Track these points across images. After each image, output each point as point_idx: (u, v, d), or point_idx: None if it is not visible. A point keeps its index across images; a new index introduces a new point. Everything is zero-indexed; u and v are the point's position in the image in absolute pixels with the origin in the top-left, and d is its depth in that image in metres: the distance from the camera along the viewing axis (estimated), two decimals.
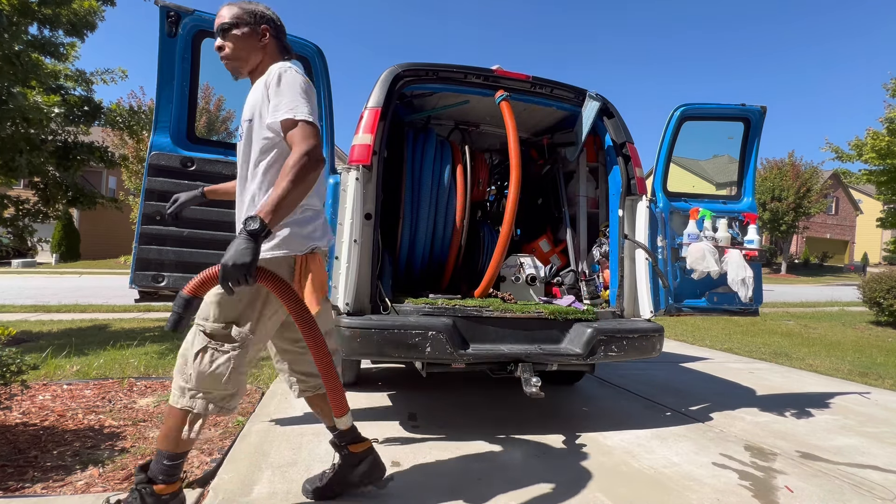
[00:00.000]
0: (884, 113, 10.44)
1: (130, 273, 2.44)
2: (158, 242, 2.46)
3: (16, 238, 5.85)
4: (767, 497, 2.21)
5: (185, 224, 2.45)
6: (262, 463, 2.32)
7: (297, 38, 2.62)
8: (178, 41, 2.46)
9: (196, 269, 2.39)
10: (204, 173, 2.53)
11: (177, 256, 2.47)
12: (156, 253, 2.45)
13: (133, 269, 2.43)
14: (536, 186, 4.42)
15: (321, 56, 2.69)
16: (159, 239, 2.47)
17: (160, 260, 2.46)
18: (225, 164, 2.57)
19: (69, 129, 5.83)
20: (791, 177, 28.24)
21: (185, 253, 2.49)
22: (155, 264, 2.45)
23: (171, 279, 2.46)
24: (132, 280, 2.43)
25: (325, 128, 2.72)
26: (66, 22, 5.48)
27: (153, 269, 2.45)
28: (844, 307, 11.99)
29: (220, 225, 2.52)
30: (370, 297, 2.71)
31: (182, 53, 2.48)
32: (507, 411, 3.36)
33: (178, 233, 2.47)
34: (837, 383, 4.66)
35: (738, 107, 3.43)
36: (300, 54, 2.66)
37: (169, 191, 2.45)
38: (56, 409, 2.87)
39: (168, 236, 2.47)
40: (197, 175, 2.51)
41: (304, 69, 2.68)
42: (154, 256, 2.45)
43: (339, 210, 2.67)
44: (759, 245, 3.35)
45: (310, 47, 2.66)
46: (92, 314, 7.43)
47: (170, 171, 2.48)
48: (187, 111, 2.58)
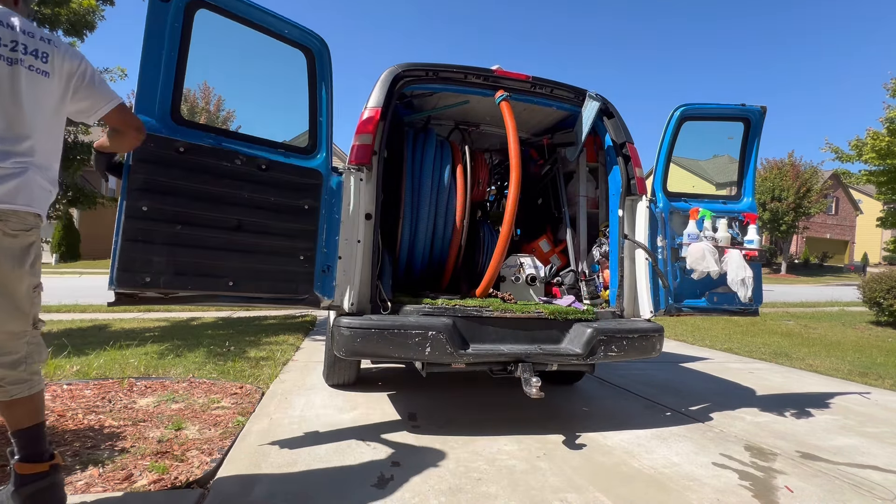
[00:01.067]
0: (884, 113, 10.45)
1: (110, 272, 2.08)
2: (146, 239, 2.13)
3: None
4: (767, 497, 2.21)
5: (173, 220, 2.18)
6: (262, 463, 2.32)
7: (303, 28, 2.49)
8: (170, 7, 2.18)
9: (191, 271, 2.22)
10: (196, 162, 2.23)
11: (169, 255, 2.17)
12: (142, 250, 2.12)
13: (116, 270, 2.07)
14: (536, 186, 4.42)
15: (326, 50, 2.54)
16: (147, 234, 2.13)
17: (147, 258, 2.13)
18: (223, 152, 2.30)
19: (69, 129, 5.83)
20: (791, 177, 28.24)
21: (179, 251, 2.20)
22: (140, 262, 2.12)
23: (160, 279, 2.15)
24: (114, 280, 2.08)
25: (324, 125, 2.59)
26: (66, 21, 5.49)
27: (140, 269, 2.11)
28: (844, 307, 11.99)
29: (212, 222, 2.28)
30: (370, 297, 2.70)
31: (173, 22, 2.19)
32: (507, 411, 3.36)
33: (168, 229, 2.17)
34: (837, 383, 4.66)
35: (738, 107, 3.43)
36: (304, 45, 2.52)
37: (158, 181, 2.15)
38: (56, 409, 2.86)
39: (158, 232, 2.15)
40: (189, 164, 2.21)
41: (308, 62, 2.53)
42: (140, 254, 2.11)
43: (341, 209, 2.65)
44: (759, 245, 3.34)
45: (316, 39, 2.52)
46: (92, 314, 7.43)
47: (159, 158, 2.14)
48: (172, 89, 2.21)
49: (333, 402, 3.36)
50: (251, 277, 2.38)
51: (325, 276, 2.57)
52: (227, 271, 2.32)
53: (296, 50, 2.53)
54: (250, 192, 2.36)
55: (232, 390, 3.45)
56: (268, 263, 2.41)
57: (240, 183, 2.34)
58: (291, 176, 2.48)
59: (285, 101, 2.83)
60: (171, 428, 2.65)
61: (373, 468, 2.33)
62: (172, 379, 3.66)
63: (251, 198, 2.36)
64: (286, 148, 2.53)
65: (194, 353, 4.55)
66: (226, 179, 2.31)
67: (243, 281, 2.35)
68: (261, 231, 2.39)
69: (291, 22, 2.46)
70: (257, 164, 2.38)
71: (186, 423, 2.74)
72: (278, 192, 2.43)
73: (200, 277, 2.26)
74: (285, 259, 2.46)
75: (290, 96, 2.71)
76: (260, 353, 4.71)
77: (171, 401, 3.14)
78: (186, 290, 2.25)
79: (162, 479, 2.07)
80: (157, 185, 2.15)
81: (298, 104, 2.61)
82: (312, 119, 2.59)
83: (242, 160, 2.34)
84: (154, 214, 2.14)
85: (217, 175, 2.29)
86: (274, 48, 2.49)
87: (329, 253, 2.59)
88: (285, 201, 2.45)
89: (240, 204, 2.34)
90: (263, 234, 2.40)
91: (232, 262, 2.33)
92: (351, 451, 2.53)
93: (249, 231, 2.35)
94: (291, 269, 2.48)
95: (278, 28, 2.44)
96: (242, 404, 3.16)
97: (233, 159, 2.32)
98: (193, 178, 2.23)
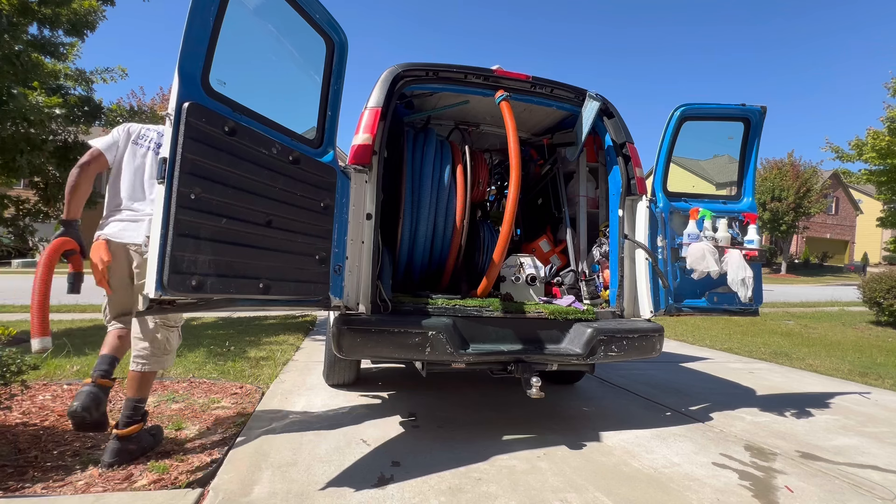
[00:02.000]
0: (884, 112, 10.44)
1: (157, 275, 1.71)
2: (195, 234, 1.81)
3: (17, 238, 5.85)
4: (767, 497, 2.21)
5: (220, 211, 1.91)
6: (262, 463, 2.32)
7: (331, 17, 2.35)
8: None
9: (230, 272, 1.98)
10: (242, 147, 1.98)
11: (214, 253, 1.88)
12: (193, 247, 1.80)
13: (168, 271, 1.72)
14: (536, 186, 4.42)
15: (347, 45, 2.46)
16: (196, 229, 1.81)
17: (195, 258, 1.81)
18: (262, 139, 2.06)
19: (69, 128, 5.83)
20: (791, 177, 28.25)
21: (222, 249, 1.92)
22: (189, 262, 1.78)
23: (209, 283, 1.85)
24: (166, 284, 1.72)
25: (334, 121, 2.49)
26: (66, 22, 5.48)
27: (188, 269, 1.78)
28: (844, 307, 11.99)
29: (250, 215, 2.04)
30: (370, 297, 2.71)
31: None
32: (507, 411, 3.36)
33: (216, 221, 1.88)
34: (837, 383, 4.66)
35: (738, 107, 3.43)
36: (329, 35, 2.40)
37: (209, 165, 1.85)
38: (56, 409, 2.87)
39: (206, 226, 1.85)
40: (235, 148, 1.95)
41: (328, 52, 2.42)
42: (190, 253, 1.79)
43: (349, 209, 2.63)
44: (759, 245, 3.34)
45: (340, 31, 2.42)
46: (92, 314, 7.43)
47: (210, 138, 1.85)
48: (205, 56, 1.89)
49: (333, 402, 3.36)
50: (279, 278, 2.17)
51: (336, 276, 2.49)
52: (260, 272, 2.08)
53: (319, 38, 2.39)
54: (282, 186, 2.15)
55: (232, 390, 3.45)
56: (293, 263, 2.23)
57: (274, 175, 2.11)
58: (314, 171, 2.33)
59: (296, 93, 2.68)
60: (171, 428, 2.65)
61: (373, 468, 2.33)
62: (172, 379, 3.66)
63: (282, 192, 2.15)
64: (304, 141, 2.35)
65: (194, 352, 4.55)
66: (265, 170, 2.07)
67: (273, 282, 2.13)
68: (287, 229, 2.19)
69: (324, 6, 2.32)
70: (289, 156, 2.19)
71: (186, 423, 2.74)
72: (304, 188, 2.26)
73: (238, 279, 1.99)
74: (307, 259, 2.31)
75: (301, 88, 2.55)
76: (260, 353, 4.71)
77: (171, 401, 3.14)
78: (229, 293, 1.96)
79: (162, 479, 2.08)
80: (205, 171, 1.85)
81: (309, 97, 2.46)
82: (322, 113, 2.46)
83: (278, 149, 2.13)
84: (203, 205, 1.83)
85: (257, 164, 2.05)
86: (299, 35, 2.33)
87: (339, 253, 2.52)
88: (309, 197, 2.30)
89: (272, 198, 2.12)
90: (289, 232, 2.20)
91: (265, 261, 2.10)
92: (351, 450, 2.53)
93: (278, 228, 2.14)
94: (311, 270, 2.34)
95: (311, 7, 2.28)
96: (242, 404, 3.16)
97: (270, 147, 2.09)
98: (239, 166, 1.97)
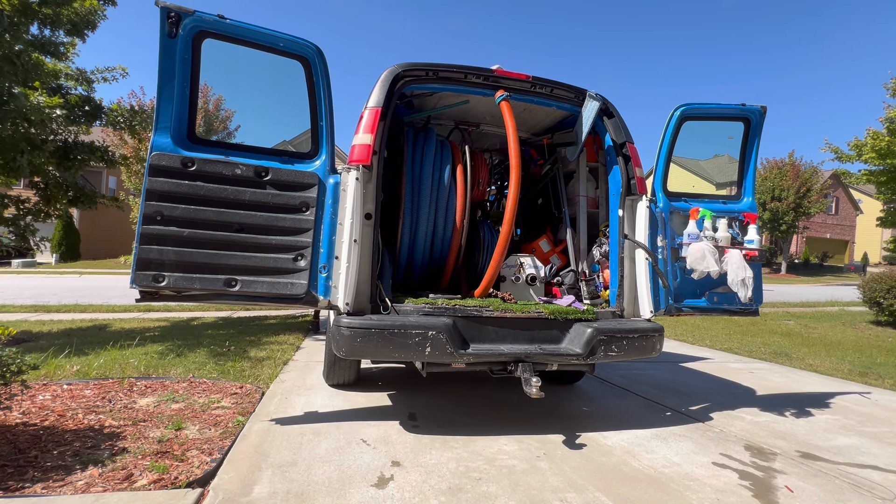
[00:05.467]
0: (883, 113, 10.44)
1: (131, 273, 2.44)
2: (159, 242, 2.45)
3: (17, 237, 5.85)
4: (767, 497, 2.21)
5: (183, 224, 2.48)
6: (262, 463, 2.32)
7: (296, 39, 2.64)
8: (178, 42, 2.48)
9: (197, 270, 2.47)
10: (204, 174, 2.54)
11: (177, 257, 2.47)
12: (156, 253, 2.44)
13: (134, 269, 2.43)
14: (536, 186, 4.42)
15: (321, 56, 2.70)
16: (160, 239, 2.46)
17: (161, 260, 2.45)
18: (225, 164, 2.58)
19: (70, 128, 5.82)
20: (791, 177, 28.22)
21: (186, 253, 2.48)
22: (155, 264, 2.43)
23: (171, 279, 2.45)
24: (133, 280, 2.43)
25: (325, 129, 2.74)
26: (67, 21, 5.48)
27: (154, 269, 2.43)
28: (844, 307, 11.99)
29: (216, 225, 2.53)
30: (370, 297, 2.71)
31: (182, 54, 2.50)
32: (507, 411, 3.36)
33: (178, 233, 2.48)
34: (837, 383, 4.66)
35: (738, 107, 3.43)
36: (300, 54, 2.68)
37: (170, 191, 2.46)
38: (56, 409, 2.87)
39: (169, 236, 2.47)
40: (197, 175, 2.53)
41: (304, 70, 2.70)
42: (155, 256, 2.44)
43: (339, 210, 2.67)
44: (759, 245, 3.34)
45: (309, 47, 2.67)
46: (92, 314, 7.43)
47: (170, 172, 2.49)
48: (188, 111, 2.58)
49: (333, 402, 3.36)
50: (251, 276, 2.56)
51: (321, 275, 2.66)
52: (229, 270, 2.53)
53: (293, 60, 2.69)
54: (250, 198, 2.60)
55: (232, 390, 3.45)
56: (267, 262, 2.59)
57: (239, 189, 2.58)
58: (289, 179, 2.66)
59: (288, 105, 2.98)
60: (171, 428, 2.65)
61: (373, 468, 2.33)
62: (172, 379, 3.66)
63: (251, 202, 2.60)
64: (288, 154, 2.78)
65: (194, 352, 4.55)
66: (229, 186, 2.57)
67: (241, 279, 2.55)
68: (260, 233, 2.60)
69: (284, 35, 2.64)
70: (257, 171, 2.62)
71: (186, 423, 2.75)
72: (276, 196, 2.64)
73: (205, 276, 2.50)
74: (283, 258, 2.62)
75: (291, 100, 2.86)
76: (260, 353, 4.71)
77: (171, 401, 3.14)
78: (194, 288, 2.48)
79: (162, 479, 2.08)
80: (168, 195, 2.46)
81: (300, 107, 2.77)
82: (314, 124, 2.77)
83: (243, 168, 2.61)
84: (166, 221, 2.44)
85: (221, 182, 2.55)
86: (276, 62, 2.70)
87: (325, 252, 2.66)
88: (283, 203, 2.64)
89: (241, 208, 2.58)
90: (263, 235, 2.60)
91: (234, 261, 2.55)
92: (351, 450, 2.53)
93: (251, 232, 2.58)
94: (288, 268, 2.62)
95: (273, 42, 2.65)
96: (242, 404, 3.16)
97: (233, 169, 2.60)
98: (200, 187, 2.51)
